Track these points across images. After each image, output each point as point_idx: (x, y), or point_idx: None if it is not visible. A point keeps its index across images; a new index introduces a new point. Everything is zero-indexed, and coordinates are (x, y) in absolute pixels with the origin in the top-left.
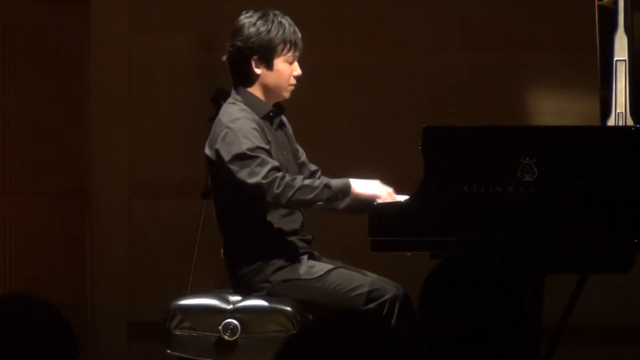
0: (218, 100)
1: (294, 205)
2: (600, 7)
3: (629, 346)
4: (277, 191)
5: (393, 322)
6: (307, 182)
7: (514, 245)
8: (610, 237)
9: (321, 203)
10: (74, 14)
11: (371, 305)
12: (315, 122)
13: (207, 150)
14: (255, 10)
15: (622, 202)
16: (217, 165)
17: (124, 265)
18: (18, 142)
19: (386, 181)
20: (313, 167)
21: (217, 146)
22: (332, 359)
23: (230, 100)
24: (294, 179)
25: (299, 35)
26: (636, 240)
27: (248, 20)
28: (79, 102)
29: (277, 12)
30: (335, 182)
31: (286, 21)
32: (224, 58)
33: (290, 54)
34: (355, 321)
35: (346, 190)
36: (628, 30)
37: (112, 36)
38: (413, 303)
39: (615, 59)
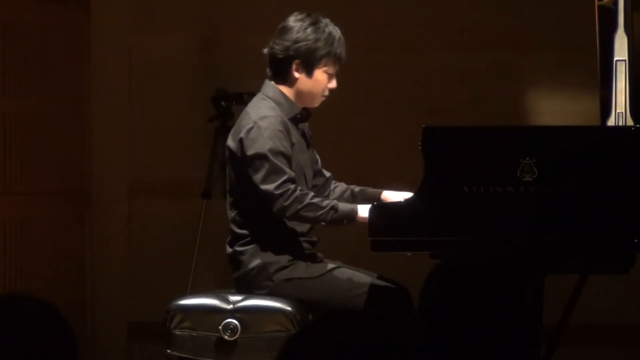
0: (218, 100)
1: (297, 219)
2: (600, 7)
3: (629, 346)
4: (285, 204)
5: (393, 321)
6: (315, 200)
7: (514, 245)
8: (610, 237)
9: (324, 223)
10: (74, 14)
11: (371, 305)
12: (315, 122)
13: (230, 142)
14: (307, 14)
15: (622, 202)
16: (238, 157)
17: (124, 265)
18: (18, 142)
19: (386, 181)
20: (327, 173)
21: (241, 135)
22: (332, 359)
23: (260, 95)
24: (304, 195)
25: (345, 49)
26: (636, 240)
27: (299, 24)
28: (79, 102)
29: (328, 20)
30: (343, 207)
31: (337, 33)
32: (265, 51)
33: (331, 66)
34: (355, 321)
35: (352, 216)
36: (628, 30)
37: (112, 36)
38: (413, 302)
39: (615, 59)
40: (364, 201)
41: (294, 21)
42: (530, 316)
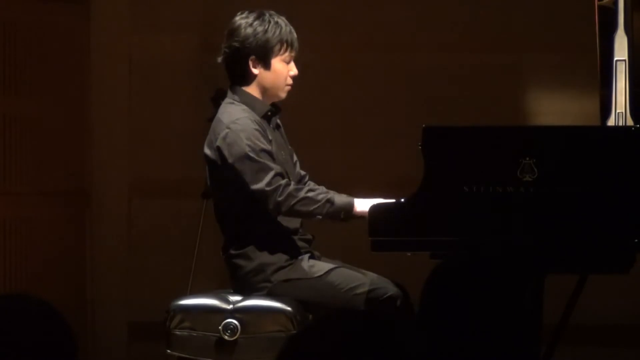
0: (218, 100)
1: (293, 214)
2: (600, 7)
3: (629, 346)
4: (280, 199)
5: (393, 321)
6: (310, 194)
7: (513, 245)
8: (610, 237)
9: (320, 217)
10: (74, 14)
11: (371, 305)
12: (315, 123)
13: (207, 150)
14: (251, 11)
15: (622, 202)
16: (218, 164)
17: (124, 265)
18: (18, 142)
19: (386, 181)
20: (302, 172)
21: (218, 144)
22: (332, 359)
23: (228, 100)
24: (297, 189)
25: (295, 35)
26: (636, 240)
27: (244, 21)
28: (79, 102)
29: (272, 12)
30: (339, 199)
31: (282, 21)
32: (219, 59)
33: (287, 53)
34: (355, 321)
35: (349, 209)
36: (628, 30)
37: (112, 36)
38: (413, 302)
39: (615, 59)
40: None
41: (239, 20)
42: (530, 316)
